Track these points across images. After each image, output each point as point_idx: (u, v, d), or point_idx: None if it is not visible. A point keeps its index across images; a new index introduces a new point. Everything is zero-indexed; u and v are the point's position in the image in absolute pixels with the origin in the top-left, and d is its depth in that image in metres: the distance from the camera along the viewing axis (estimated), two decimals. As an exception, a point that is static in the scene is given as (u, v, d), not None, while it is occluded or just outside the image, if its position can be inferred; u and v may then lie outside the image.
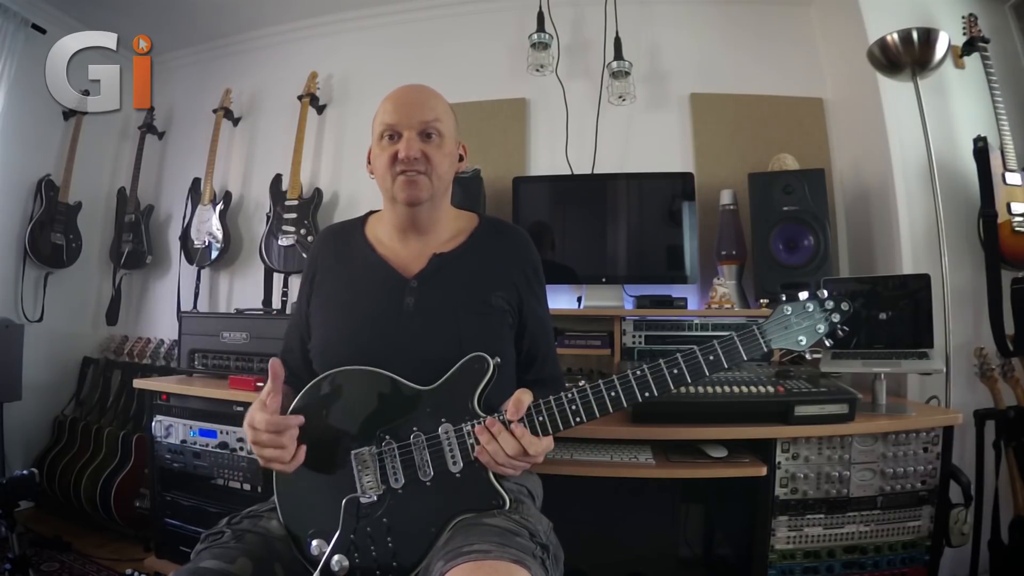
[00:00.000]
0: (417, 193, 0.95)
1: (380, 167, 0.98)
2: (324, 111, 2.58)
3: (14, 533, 1.42)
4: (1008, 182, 1.80)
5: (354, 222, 1.10)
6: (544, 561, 0.79)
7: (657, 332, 1.86)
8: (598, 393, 0.85)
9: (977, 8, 1.99)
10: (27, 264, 2.50)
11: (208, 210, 2.56)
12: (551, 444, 0.86)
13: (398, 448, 0.86)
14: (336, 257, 1.05)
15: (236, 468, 1.73)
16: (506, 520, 0.82)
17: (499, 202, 2.15)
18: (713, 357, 0.85)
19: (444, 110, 1.00)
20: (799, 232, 1.87)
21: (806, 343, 0.86)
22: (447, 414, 0.87)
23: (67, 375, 2.68)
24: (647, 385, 0.85)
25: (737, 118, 2.21)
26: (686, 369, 0.85)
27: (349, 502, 0.84)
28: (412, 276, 0.99)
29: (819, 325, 0.86)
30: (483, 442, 0.84)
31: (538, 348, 1.05)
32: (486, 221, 1.09)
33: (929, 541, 1.42)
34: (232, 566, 0.78)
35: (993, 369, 1.77)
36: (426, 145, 0.96)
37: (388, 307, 0.96)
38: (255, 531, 0.86)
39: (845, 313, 0.86)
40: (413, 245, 1.02)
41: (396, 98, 0.99)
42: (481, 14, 2.44)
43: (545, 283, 1.09)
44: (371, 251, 1.03)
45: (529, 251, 1.07)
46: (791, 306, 0.87)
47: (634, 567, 1.55)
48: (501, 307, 0.99)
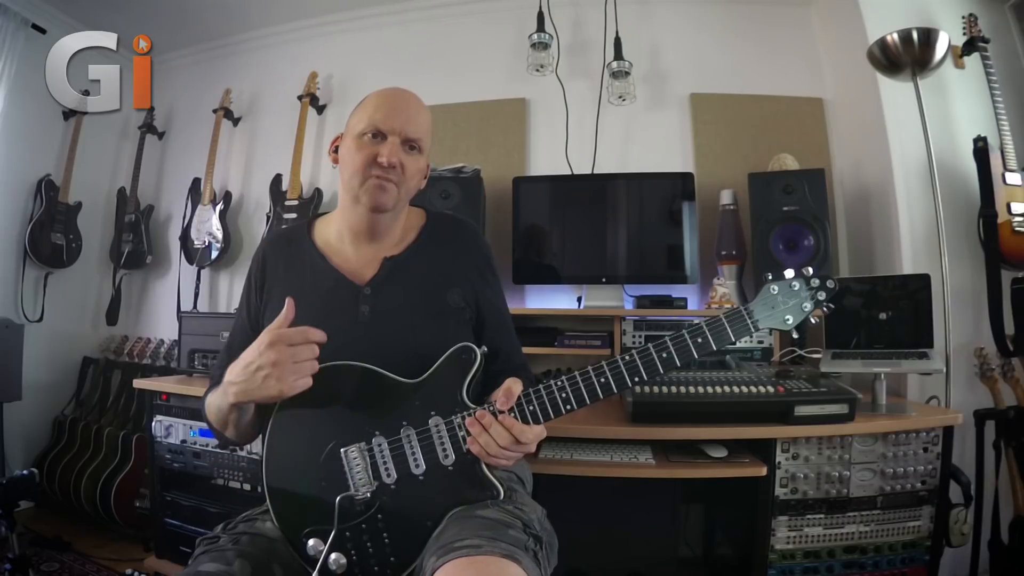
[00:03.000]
0: (384, 200, 0.93)
1: (352, 164, 0.94)
2: (324, 111, 2.58)
3: (14, 533, 1.42)
4: (1008, 182, 1.80)
5: (300, 228, 1.06)
6: (536, 553, 0.79)
7: (657, 332, 1.86)
8: (587, 380, 0.85)
9: (977, 8, 1.99)
10: (27, 264, 2.50)
11: (208, 210, 2.56)
12: (543, 432, 0.85)
13: (388, 443, 0.85)
14: (286, 266, 1.01)
15: (236, 468, 1.73)
16: (499, 511, 0.82)
17: (499, 202, 2.15)
18: (701, 339, 0.84)
19: (428, 126, 0.99)
20: (799, 232, 1.87)
21: (792, 322, 0.86)
22: (436, 406, 0.86)
23: (67, 375, 2.68)
24: (636, 369, 0.84)
25: (737, 118, 2.21)
26: (675, 352, 0.84)
27: (343, 500, 0.83)
28: (365, 283, 0.96)
29: (805, 303, 0.86)
30: (474, 434, 0.83)
31: (500, 340, 1.03)
32: (433, 217, 1.06)
33: (929, 541, 1.42)
34: (231, 567, 0.78)
35: (993, 369, 1.77)
36: (406, 156, 0.94)
37: (343, 317, 0.94)
38: (251, 533, 0.86)
39: (831, 290, 0.86)
40: (365, 250, 0.99)
41: (388, 100, 0.96)
42: (481, 14, 2.44)
43: (499, 273, 1.08)
44: (321, 259, 1.00)
45: (479, 243, 1.06)
46: (777, 285, 0.87)
47: (634, 567, 1.55)
48: (458, 304, 0.98)
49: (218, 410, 0.90)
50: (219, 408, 0.90)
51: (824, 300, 0.86)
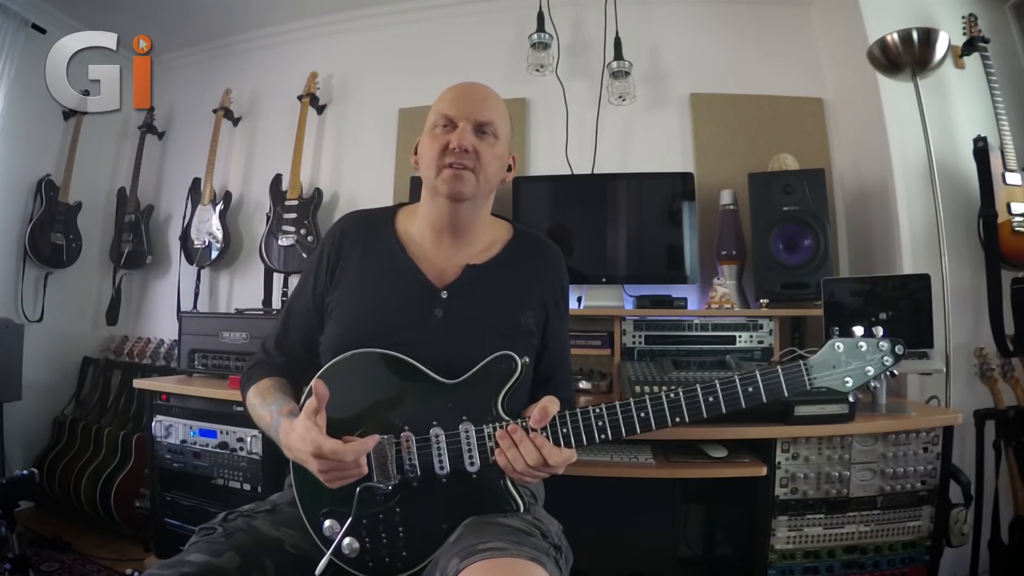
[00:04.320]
0: (461, 188, 0.91)
1: (427, 156, 0.93)
2: (324, 111, 2.58)
3: (14, 533, 1.42)
4: (1008, 182, 1.80)
5: (383, 212, 1.04)
6: (558, 561, 0.78)
7: (657, 332, 1.86)
8: (627, 412, 0.82)
9: (977, 8, 1.99)
10: (27, 264, 2.50)
11: (208, 210, 2.56)
12: (573, 456, 0.81)
13: (416, 440, 0.84)
14: (363, 248, 0.99)
15: (236, 468, 1.73)
16: (519, 520, 0.81)
17: (499, 202, 2.09)
18: (752, 388, 0.81)
19: (503, 113, 0.98)
20: (799, 232, 1.87)
21: (852, 385, 0.81)
22: (468, 412, 0.84)
23: (67, 375, 2.68)
24: (679, 410, 0.82)
25: (737, 118, 2.21)
26: (723, 398, 0.81)
27: (364, 489, 0.83)
28: (443, 286, 0.95)
29: (868, 367, 0.81)
30: (503, 447, 0.81)
31: (555, 371, 1.02)
32: (520, 233, 1.05)
33: (929, 541, 1.42)
34: (219, 559, 0.78)
35: (993, 369, 1.77)
36: (479, 141, 0.93)
37: (416, 315, 0.93)
38: (246, 530, 0.86)
39: (899, 356, 0.81)
40: (446, 249, 0.97)
41: (458, 90, 0.97)
42: (481, 14, 2.44)
43: (569, 305, 1.07)
44: (401, 249, 0.98)
45: (561, 270, 1.04)
46: (843, 343, 0.81)
47: (634, 567, 1.55)
48: (529, 328, 0.96)
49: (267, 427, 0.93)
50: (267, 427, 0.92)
51: (890, 366, 0.81)
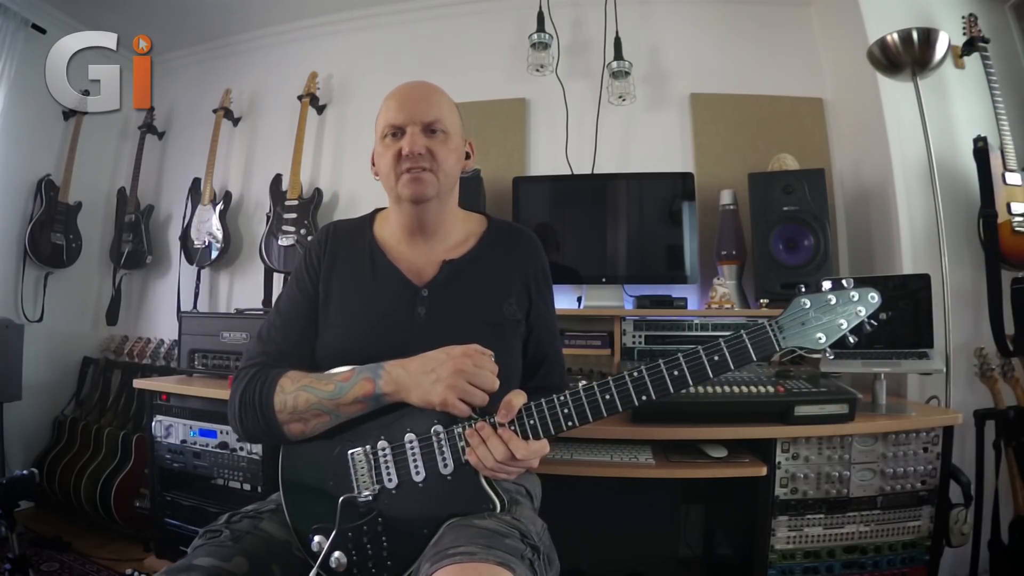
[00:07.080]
0: (422, 189, 0.92)
1: (384, 166, 0.95)
2: (324, 111, 2.58)
3: (14, 533, 1.42)
4: (1008, 182, 1.80)
5: (361, 221, 1.06)
6: (533, 562, 0.78)
7: (657, 332, 1.86)
8: (591, 396, 0.81)
9: (977, 8, 1.99)
10: (27, 264, 2.50)
11: (208, 210, 2.56)
12: (544, 448, 0.81)
13: (392, 448, 0.85)
14: (346, 257, 1.01)
15: (236, 468, 1.73)
16: (496, 522, 0.81)
17: (499, 202, 2.15)
18: (719, 358, 0.77)
19: (448, 106, 0.98)
20: (799, 232, 1.87)
21: (825, 341, 0.75)
22: (439, 415, 0.84)
23: (67, 375, 2.68)
24: (644, 388, 0.79)
25: (737, 118, 2.21)
26: (688, 371, 0.77)
27: (345, 501, 0.84)
28: (423, 284, 0.96)
29: (841, 320, 0.75)
30: (473, 445, 0.81)
31: (544, 354, 1.04)
32: (495, 224, 1.06)
33: (929, 541, 1.42)
34: (228, 564, 0.78)
35: (993, 369, 1.77)
36: (430, 141, 0.93)
37: (400, 316, 0.94)
38: (254, 532, 0.86)
39: (872, 305, 0.75)
40: (421, 248, 0.99)
41: (398, 95, 0.96)
42: (481, 14, 2.44)
43: (552, 288, 1.08)
44: (381, 254, 0.99)
45: (539, 255, 1.05)
46: (809, 298, 0.76)
47: (634, 567, 1.55)
48: (514, 316, 0.97)
49: (329, 396, 0.85)
50: (330, 396, 0.85)
51: (865, 317, 0.75)
